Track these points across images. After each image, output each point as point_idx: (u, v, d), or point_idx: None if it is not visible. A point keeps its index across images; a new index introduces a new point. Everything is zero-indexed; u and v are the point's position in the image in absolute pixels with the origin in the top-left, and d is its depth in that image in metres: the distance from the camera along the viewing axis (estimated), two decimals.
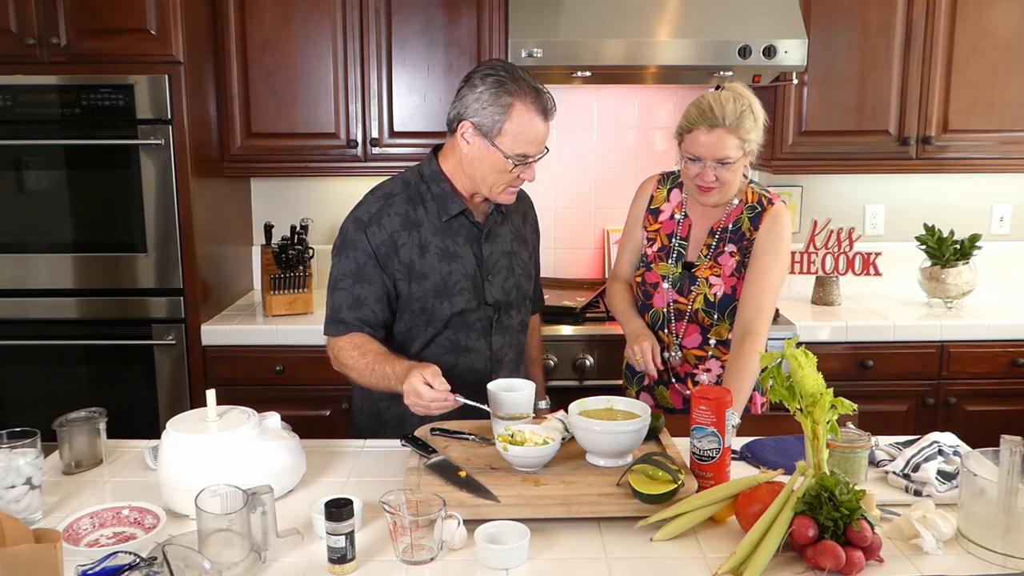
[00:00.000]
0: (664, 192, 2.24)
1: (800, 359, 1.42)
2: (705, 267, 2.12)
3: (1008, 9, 3.02)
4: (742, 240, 2.11)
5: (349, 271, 1.86)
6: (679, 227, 2.18)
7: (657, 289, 2.17)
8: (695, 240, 2.17)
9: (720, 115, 1.98)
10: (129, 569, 1.18)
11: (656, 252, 2.19)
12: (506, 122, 1.77)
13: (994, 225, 3.51)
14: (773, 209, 2.10)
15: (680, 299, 2.14)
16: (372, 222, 1.86)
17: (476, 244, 1.92)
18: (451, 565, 1.35)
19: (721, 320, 2.11)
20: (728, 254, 2.11)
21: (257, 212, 3.42)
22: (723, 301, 2.10)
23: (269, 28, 2.99)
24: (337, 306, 1.86)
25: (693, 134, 2.02)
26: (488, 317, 1.93)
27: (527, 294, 2.03)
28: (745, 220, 2.12)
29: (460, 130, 1.82)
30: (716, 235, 2.13)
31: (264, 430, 1.58)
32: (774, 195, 2.14)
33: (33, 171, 2.79)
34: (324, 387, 2.82)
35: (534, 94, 1.78)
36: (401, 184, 1.93)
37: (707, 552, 1.38)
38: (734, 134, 1.99)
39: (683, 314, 2.14)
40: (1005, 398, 2.92)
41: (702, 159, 2.02)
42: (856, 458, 1.59)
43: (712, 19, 2.88)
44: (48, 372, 2.86)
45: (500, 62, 1.83)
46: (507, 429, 1.62)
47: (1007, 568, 1.32)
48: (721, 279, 2.10)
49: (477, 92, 1.79)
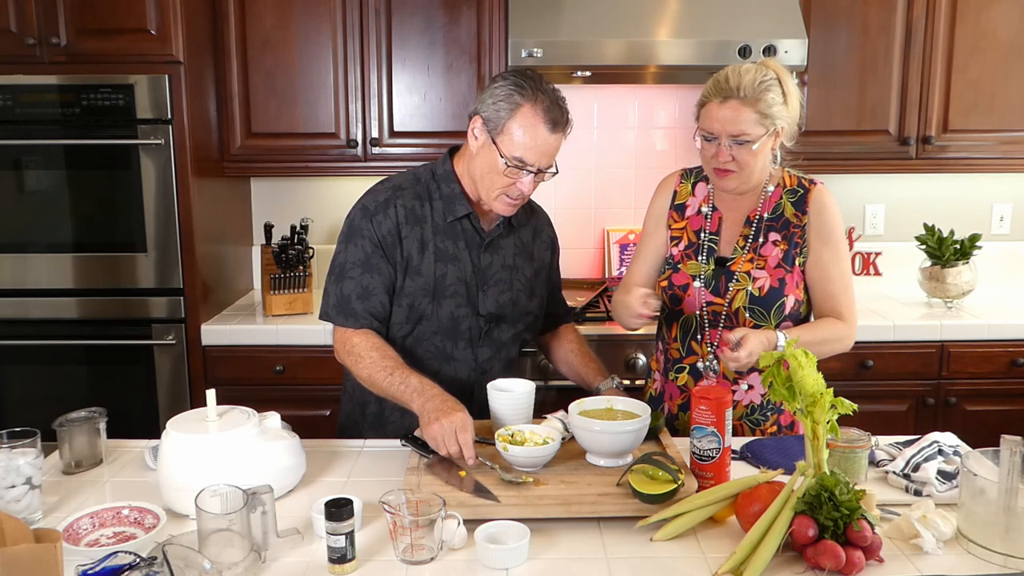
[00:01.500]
0: (688, 186, 2.02)
1: (800, 359, 1.42)
2: (743, 260, 1.91)
3: (1008, 9, 3.02)
4: (788, 227, 1.91)
5: (358, 260, 1.85)
6: (707, 222, 1.96)
7: (687, 292, 1.93)
8: (727, 233, 1.95)
9: (735, 85, 1.78)
10: (129, 569, 1.18)
11: (683, 251, 1.97)
12: (510, 121, 1.75)
13: (994, 225, 3.51)
14: (817, 190, 1.92)
15: (716, 300, 1.91)
16: (379, 211, 1.86)
17: (476, 252, 1.90)
18: (451, 565, 1.35)
19: (765, 319, 1.88)
20: (771, 243, 1.90)
21: (257, 212, 3.42)
22: (770, 296, 1.87)
23: (269, 28, 2.99)
24: (346, 295, 1.85)
25: (706, 108, 1.83)
26: (479, 327, 1.90)
27: (526, 310, 1.97)
28: (787, 205, 1.92)
29: (472, 124, 1.81)
30: (753, 225, 1.92)
31: (264, 430, 1.58)
32: (814, 178, 1.96)
33: (33, 171, 2.79)
34: (324, 387, 2.82)
35: (547, 103, 1.74)
36: (412, 179, 1.92)
37: (707, 552, 1.38)
38: (751, 107, 1.78)
39: (720, 317, 1.91)
40: (1005, 398, 2.92)
41: (716, 136, 1.82)
42: (856, 458, 1.59)
43: (712, 19, 2.88)
44: (48, 372, 2.86)
45: (532, 72, 1.80)
46: (507, 429, 1.63)
47: (1007, 568, 1.32)
48: (765, 271, 1.89)
49: (494, 88, 1.78)
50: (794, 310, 1.90)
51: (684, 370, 1.98)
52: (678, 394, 2.00)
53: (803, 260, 1.90)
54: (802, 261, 1.90)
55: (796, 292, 1.90)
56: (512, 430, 1.62)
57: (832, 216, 1.90)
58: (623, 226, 3.44)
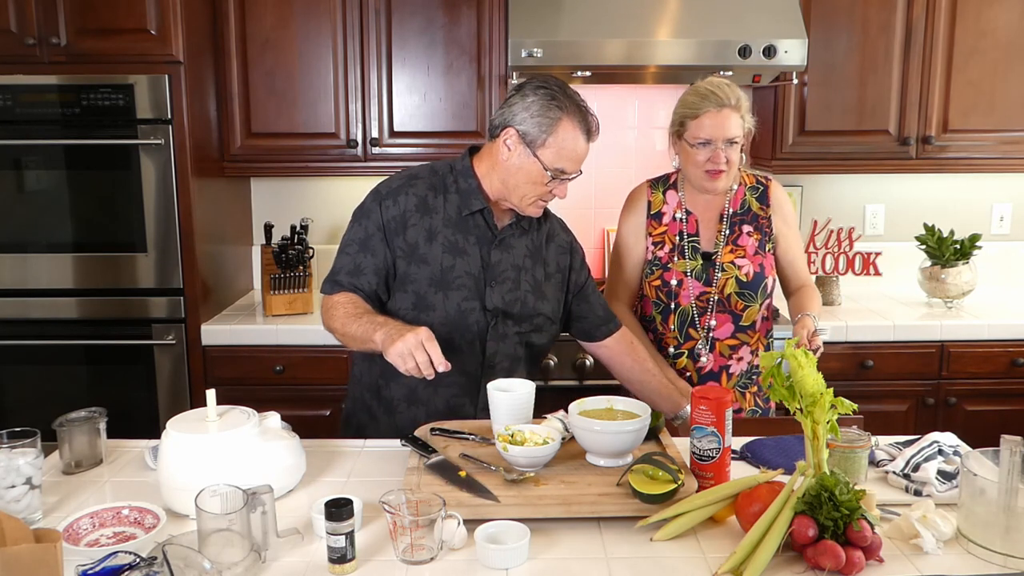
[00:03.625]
0: (660, 195, 2.27)
1: (800, 359, 1.42)
2: (725, 252, 2.19)
3: (1008, 9, 3.02)
4: (757, 220, 2.22)
5: (357, 238, 1.90)
6: (684, 225, 2.22)
7: (682, 286, 2.19)
8: (705, 232, 2.22)
9: (725, 96, 2.07)
10: (129, 569, 1.18)
11: (669, 253, 2.22)
12: (551, 135, 1.80)
13: (994, 225, 3.51)
14: (775, 185, 2.27)
15: (706, 289, 2.18)
16: (389, 196, 1.90)
17: (486, 248, 1.91)
18: (451, 565, 1.35)
19: (753, 300, 2.18)
20: (746, 235, 2.20)
21: (257, 212, 3.42)
22: (755, 280, 2.17)
23: (269, 28, 2.99)
24: (338, 268, 1.91)
25: (700, 119, 2.08)
26: (485, 321, 1.92)
27: (534, 311, 1.97)
28: (752, 201, 2.23)
29: (503, 136, 1.84)
30: (727, 220, 2.21)
31: (264, 430, 1.58)
32: (766, 174, 2.30)
33: (33, 171, 2.79)
34: (324, 387, 2.82)
35: (581, 113, 1.82)
36: (429, 171, 1.96)
37: (707, 552, 1.38)
38: (738, 112, 2.09)
39: (711, 305, 2.18)
40: (1005, 398, 2.92)
41: (712, 141, 2.08)
42: (856, 458, 1.59)
43: (712, 19, 2.89)
44: (48, 372, 2.86)
45: (553, 79, 1.86)
46: (507, 429, 1.63)
47: (1007, 568, 1.32)
48: (747, 259, 2.18)
49: (528, 101, 1.81)
50: (771, 288, 2.23)
51: (683, 355, 2.23)
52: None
53: (772, 245, 2.23)
54: (771, 246, 2.23)
55: (772, 273, 2.22)
56: (512, 430, 1.62)
57: (789, 205, 2.28)
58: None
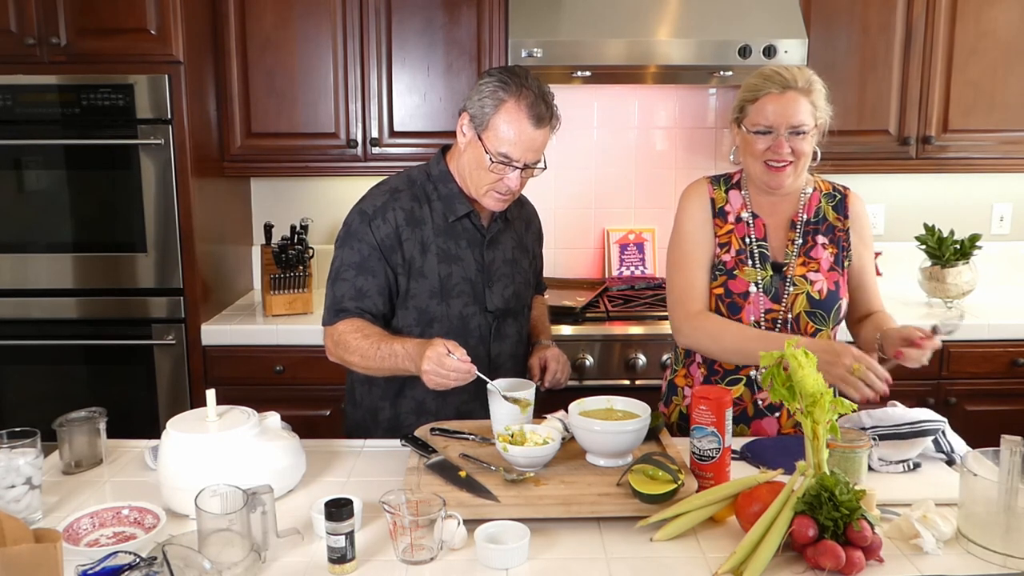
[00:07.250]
0: (722, 192, 1.94)
1: (800, 359, 1.41)
2: (796, 264, 1.88)
3: (1008, 9, 3.02)
4: (833, 231, 1.91)
5: (353, 262, 1.85)
6: (751, 228, 1.90)
7: (748, 299, 1.86)
8: (775, 239, 1.91)
9: (791, 77, 1.79)
10: (129, 569, 1.18)
11: (735, 257, 1.89)
12: (493, 116, 1.76)
13: (994, 225, 3.51)
14: (854, 195, 1.95)
15: (775, 306, 1.86)
16: (377, 215, 1.86)
17: (479, 249, 1.91)
18: (451, 565, 1.35)
19: (825, 323, 1.87)
20: (821, 247, 1.89)
21: (257, 212, 3.42)
22: (829, 299, 1.86)
23: (269, 28, 2.99)
24: (339, 296, 1.85)
25: (760, 102, 1.81)
26: (487, 324, 1.92)
27: (526, 303, 2.00)
28: (828, 209, 1.92)
29: (460, 121, 1.83)
30: (798, 228, 1.90)
31: (264, 430, 1.58)
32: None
33: (33, 171, 2.79)
34: (324, 387, 2.82)
35: (531, 98, 1.75)
36: (406, 181, 1.92)
37: (707, 552, 1.38)
38: (807, 97, 1.80)
39: (777, 326, 1.87)
40: (1005, 398, 2.92)
41: (774, 128, 1.80)
42: (856, 458, 1.59)
43: (712, 19, 2.89)
44: (48, 372, 2.86)
45: (520, 68, 1.81)
46: (507, 429, 1.63)
47: (1007, 568, 1.32)
48: (820, 274, 1.87)
49: (480, 84, 1.80)
50: (843, 314, 1.91)
51: (740, 381, 1.91)
52: None
53: (848, 262, 1.92)
54: (848, 264, 1.92)
55: (846, 295, 1.91)
56: (512, 430, 1.62)
57: (867, 219, 1.97)
58: (623, 226, 3.44)
